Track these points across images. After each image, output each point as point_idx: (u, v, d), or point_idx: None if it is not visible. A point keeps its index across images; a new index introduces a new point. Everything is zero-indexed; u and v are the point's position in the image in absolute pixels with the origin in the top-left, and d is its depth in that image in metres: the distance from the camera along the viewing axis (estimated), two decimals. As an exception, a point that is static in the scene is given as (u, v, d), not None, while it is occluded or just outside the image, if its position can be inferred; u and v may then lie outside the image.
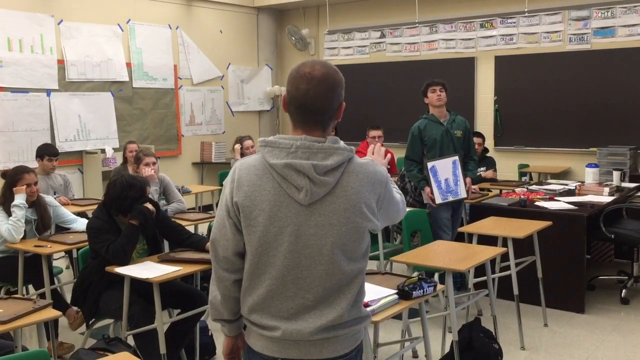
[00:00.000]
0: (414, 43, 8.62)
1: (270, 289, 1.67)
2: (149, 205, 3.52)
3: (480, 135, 6.67)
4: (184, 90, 8.66)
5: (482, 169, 6.42)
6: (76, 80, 7.33)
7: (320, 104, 1.66)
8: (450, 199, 4.79)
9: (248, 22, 9.53)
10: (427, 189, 4.80)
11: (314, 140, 1.64)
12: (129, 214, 3.49)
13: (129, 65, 7.88)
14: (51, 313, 2.70)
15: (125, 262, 3.36)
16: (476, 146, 5.88)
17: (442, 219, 4.84)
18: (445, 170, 4.77)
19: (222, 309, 1.79)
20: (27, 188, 4.08)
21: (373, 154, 2.08)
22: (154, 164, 4.96)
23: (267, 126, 9.81)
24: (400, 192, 1.89)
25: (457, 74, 8.22)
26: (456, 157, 4.79)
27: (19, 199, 4.02)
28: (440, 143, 4.83)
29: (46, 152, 5.28)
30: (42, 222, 4.18)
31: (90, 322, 3.57)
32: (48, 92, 7.06)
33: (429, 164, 4.76)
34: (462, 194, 4.82)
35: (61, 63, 7.16)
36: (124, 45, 7.83)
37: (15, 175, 4.12)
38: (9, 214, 4.01)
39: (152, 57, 8.17)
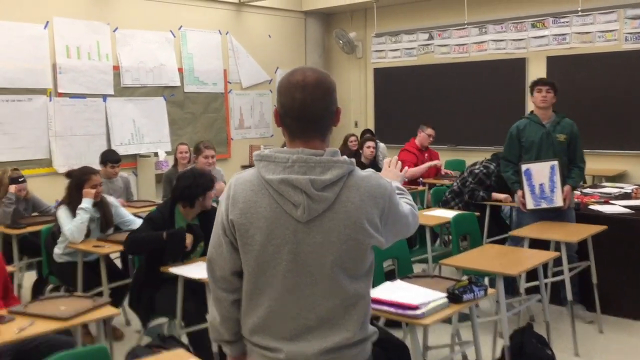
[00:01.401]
0: (463, 44, 8.52)
1: (271, 309, 1.60)
2: (188, 238, 3.58)
3: None
4: (234, 95, 8.81)
5: None
6: (130, 85, 7.56)
7: (318, 111, 1.59)
8: (544, 205, 4.48)
9: (296, 26, 9.62)
10: (520, 192, 4.53)
11: (312, 154, 1.56)
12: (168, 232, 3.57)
13: (180, 70, 8.07)
14: (110, 311, 2.80)
15: (133, 254, 3.71)
16: None
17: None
18: (541, 175, 4.46)
19: (222, 330, 1.73)
20: (92, 189, 4.17)
21: (389, 167, 2.02)
22: (212, 157, 5.10)
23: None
24: (412, 203, 1.81)
25: (507, 76, 8.10)
26: (555, 162, 4.44)
27: (87, 203, 4.11)
28: (538, 146, 4.51)
29: (109, 158, 5.44)
30: (105, 219, 4.29)
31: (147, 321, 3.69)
32: (104, 97, 7.31)
33: (524, 167, 4.51)
34: (558, 202, 4.42)
35: (116, 69, 7.40)
36: (175, 51, 8.03)
37: (82, 176, 4.22)
38: (74, 213, 4.13)
39: (202, 62, 8.35)
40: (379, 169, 6.61)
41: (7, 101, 6.50)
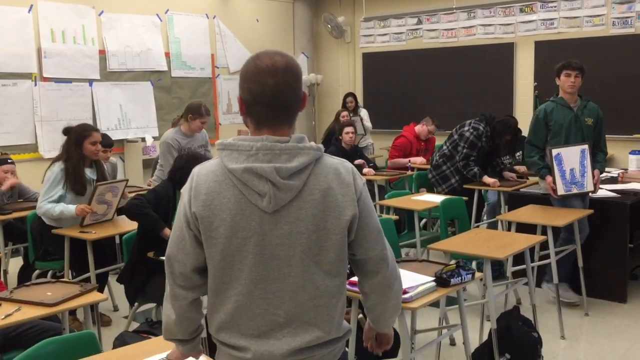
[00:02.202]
0: (452, 29, 8.51)
1: (237, 305, 1.52)
2: None
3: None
4: (221, 79, 8.75)
5: (518, 154, 6.30)
6: (117, 70, 7.48)
7: (289, 97, 1.53)
8: (575, 191, 4.35)
9: (284, 11, 9.54)
10: (549, 178, 4.36)
11: (277, 141, 1.49)
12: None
13: (167, 54, 7.99)
14: (97, 296, 2.79)
15: (131, 218, 3.72)
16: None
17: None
18: (571, 160, 4.33)
19: (175, 330, 1.66)
20: (92, 146, 4.08)
21: None
22: (204, 123, 5.01)
23: (302, 114, 9.84)
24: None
25: (495, 60, 8.10)
26: (585, 146, 4.34)
27: (69, 212, 3.95)
28: (567, 130, 4.38)
29: (101, 143, 5.35)
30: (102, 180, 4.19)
31: (135, 304, 3.68)
32: (90, 82, 7.22)
33: (554, 151, 4.36)
34: (589, 186, 4.36)
35: (102, 53, 7.31)
36: (162, 35, 7.95)
37: (82, 132, 4.08)
38: (69, 173, 3.99)
39: (189, 46, 8.27)
40: (361, 155, 6.57)
41: (-9, 86, 6.41)
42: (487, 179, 5.33)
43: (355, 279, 2.66)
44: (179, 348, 1.71)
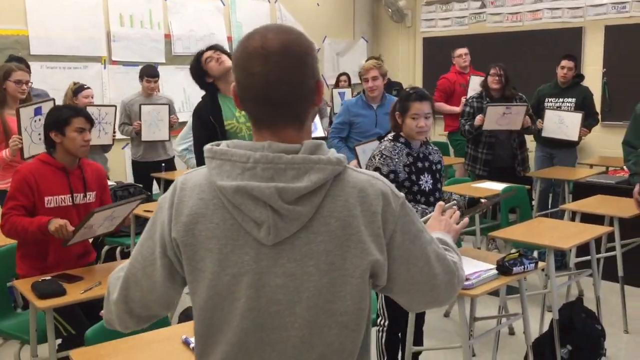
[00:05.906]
0: (517, 13, 8.29)
1: (227, 356, 1.19)
2: None
3: (573, 58, 5.98)
4: (282, 64, 8.83)
5: (569, 100, 5.98)
6: (181, 54, 7.66)
7: (289, 90, 1.14)
8: None
9: (345, -5, 9.52)
10: (637, 187, 3.68)
11: (282, 150, 1.13)
12: None
13: (229, 39, 8.11)
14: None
15: None
16: (565, 70, 5.61)
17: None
18: None
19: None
20: None
21: (443, 214, 1.61)
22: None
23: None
24: (457, 260, 1.32)
25: (562, 46, 7.83)
26: None
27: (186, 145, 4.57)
28: None
29: (146, 73, 5.88)
30: None
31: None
32: (156, 65, 7.41)
33: None
34: None
35: (168, 37, 7.50)
36: (225, 20, 8.08)
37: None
38: None
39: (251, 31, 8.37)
40: None
41: (64, 68, 6.68)
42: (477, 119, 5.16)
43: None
44: None
